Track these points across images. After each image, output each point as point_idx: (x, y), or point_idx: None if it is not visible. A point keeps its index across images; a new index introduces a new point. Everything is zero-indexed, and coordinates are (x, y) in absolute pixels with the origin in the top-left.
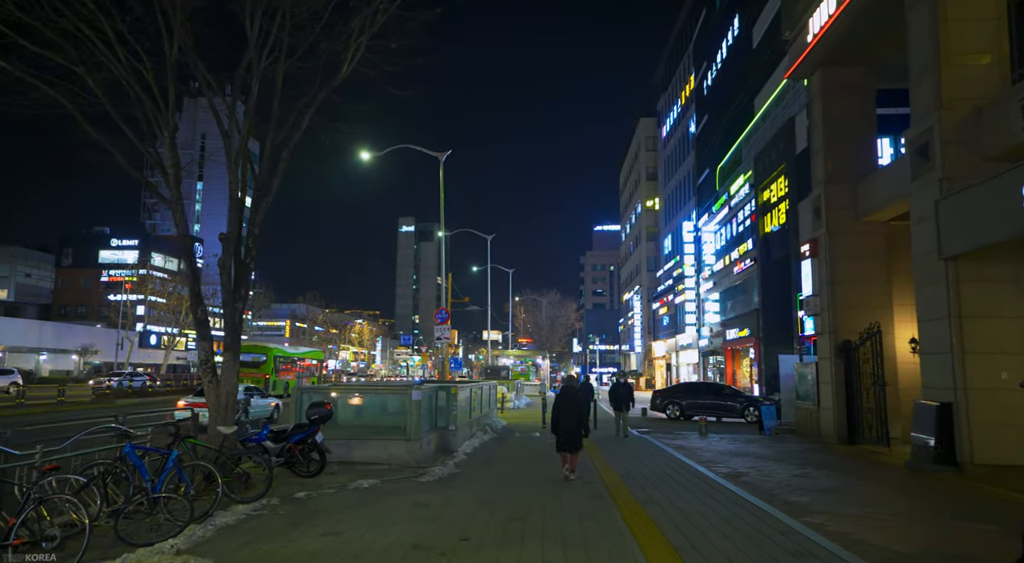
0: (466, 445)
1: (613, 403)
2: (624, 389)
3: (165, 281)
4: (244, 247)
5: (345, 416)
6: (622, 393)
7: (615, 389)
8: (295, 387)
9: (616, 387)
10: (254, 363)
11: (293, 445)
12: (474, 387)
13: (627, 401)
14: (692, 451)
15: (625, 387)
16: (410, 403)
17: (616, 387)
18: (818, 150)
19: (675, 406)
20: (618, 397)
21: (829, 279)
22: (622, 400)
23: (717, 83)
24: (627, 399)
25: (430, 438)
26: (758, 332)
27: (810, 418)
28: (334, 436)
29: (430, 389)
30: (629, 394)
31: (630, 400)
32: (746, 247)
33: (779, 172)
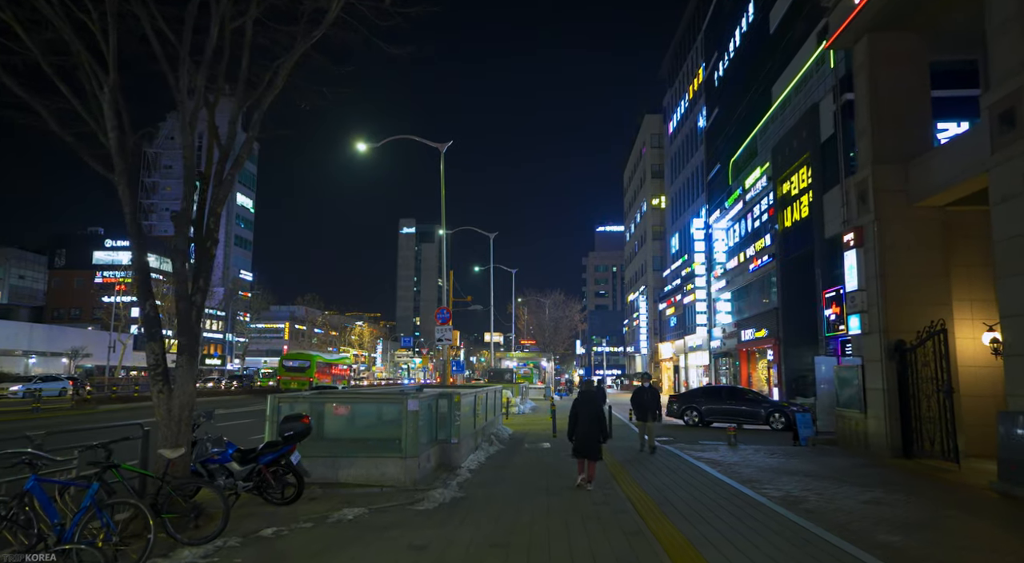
0: (470, 460)
1: (636, 412)
2: (649, 395)
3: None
4: (204, 228)
5: (330, 429)
6: (647, 400)
7: (639, 395)
8: (272, 396)
9: (640, 393)
10: (300, 368)
11: (264, 467)
12: (478, 392)
13: (653, 410)
14: (728, 467)
15: (651, 393)
16: (406, 414)
17: (640, 393)
18: (864, 128)
19: (693, 412)
20: (642, 404)
21: (878, 272)
22: (647, 408)
23: (729, 73)
24: (653, 407)
25: (429, 453)
26: (777, 332)
27: (854, 428)
28: (317, 453)
29: (429, 396)
30: (655, 401)
31: (656, 409)
32: (763, 243)
33: (801, 162)
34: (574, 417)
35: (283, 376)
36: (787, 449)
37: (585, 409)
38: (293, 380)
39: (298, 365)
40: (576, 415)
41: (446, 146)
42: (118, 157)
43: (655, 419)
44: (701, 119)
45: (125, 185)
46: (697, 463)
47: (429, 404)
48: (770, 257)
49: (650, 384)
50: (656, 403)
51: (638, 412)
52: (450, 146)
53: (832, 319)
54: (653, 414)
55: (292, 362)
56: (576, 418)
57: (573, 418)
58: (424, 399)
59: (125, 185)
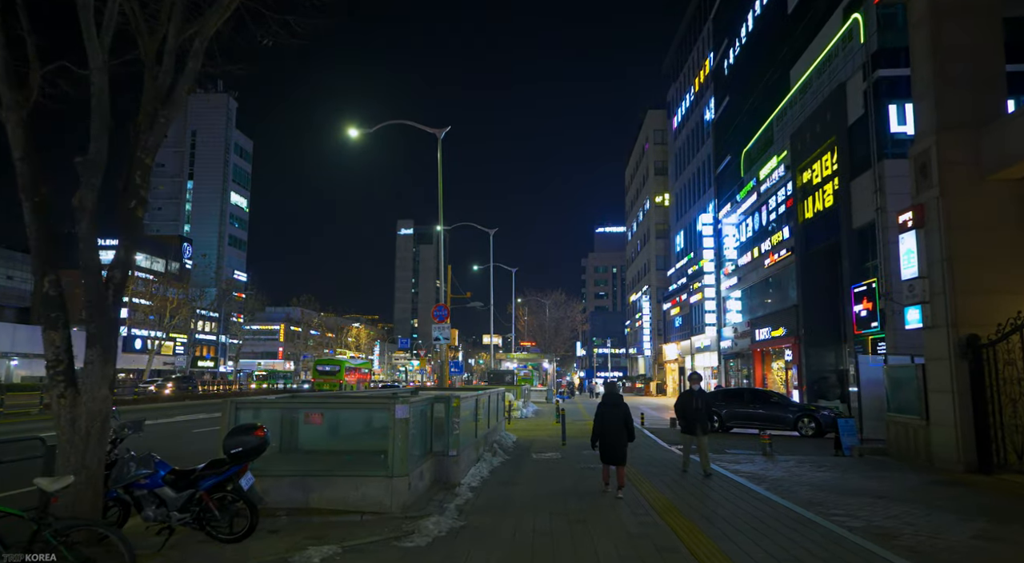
0: (471, 475)
1: (683, 422)
2: (700, 401)
3: (150, 282)
4: (128, 184)
5: (302, 441)
6: (697, 407)
7: (686, 402)
8: (229, 401)
9: (688, 399)
10: (332, 372)
11: (206, 493)
12: (479, 396)
13: (704, 420)
14: (776, 484)
15: (701, 398)
16: (393, 423)
17: (688, 399)
18: (924, 90)
19: (713, 416)
20: (691, 413)
21: (945, 255)
22: (696, 418)
23: (741, 60)
24: (704, 418)
25: (422, 469)
26: (797, 331)
27: (912, 436)
28: (284, 471)
29: (422, 401)
30: (707, 408)
31: (710, 419)
32: (780, 236)
33: (826, 147)
34: (600, 421)
35: (317, 379)
36: (832, 460)
37: (611, 413)
38: (326, 382)
39: (330, 369)
40: (602, 418)
41: (443, 132)
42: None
43: (706, 432)
44: (708, 112)
45: (15, 125)
46: (737, 478)
47: (422, 410)
48: (788, 251)
49: (698, 387)
50: (708, 411)
51: (685, 423)
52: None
53: (863, 316)
54: (704, 425)
55: (325, 366)
56: (602, 423)
57: (599, 422)
58: (417, 404)
59: (15, 125)
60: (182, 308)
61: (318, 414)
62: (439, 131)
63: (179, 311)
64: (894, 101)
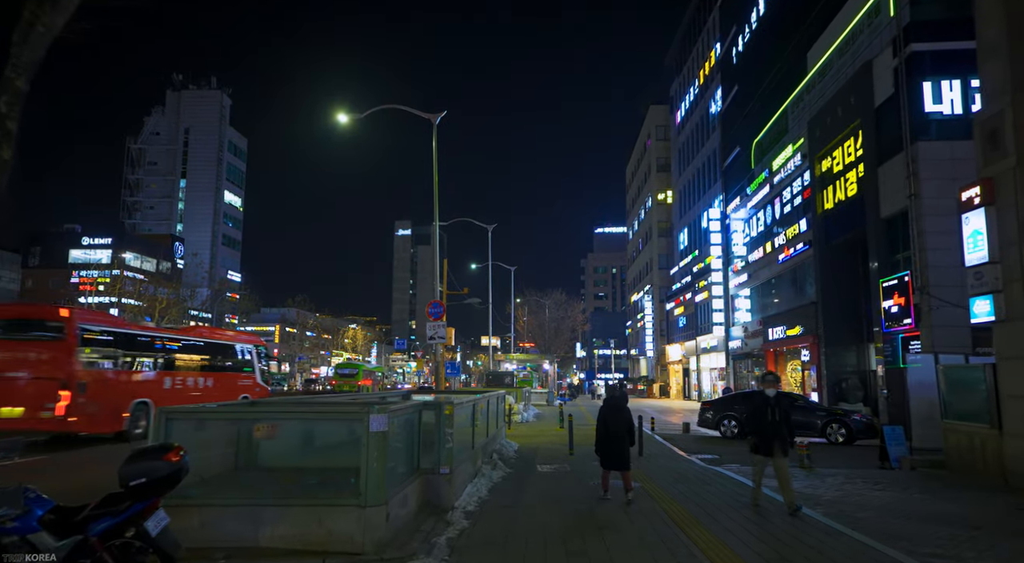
0: (467, 495)
1: (755, 439)
2: (779, 410)
3: (141, 282)
4: None
5: (264, 458)
6: (775, 420)
7: (759, 410)
8: (158, 411)
9: (762, 407)
10: (350, 374)
11: (98, 540)
12: (478, 400)
13: (786, 437)
14: (832, 506)
15: (779, 406)
16: (367, 437)
17: (762, 407)
18: (993, 47)
19: (732, 421)
20: (767, 427)
21: (1022, 236)
22: (775, 434)
23: (751, 47)
24: (786, 433)
25: (406, 493)
26: (815, 329)
27: (980, 448)
28: (228, 499)
29: (407, 408)
30: (789, 421)
31: (791, 435)
32: (796, 230)
33: (848, 132)
34: (603, 426)
35: (337, 381)
36: (882, 474)
37: (614, 416)
38: (345, 384)
39: (349, 372)
40: (604, 422)
41: (439, 117)
42: None
43: (787, 452)
44: (714, 104)
45: None
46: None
47: (408, 419)
48: (806, 245)
49: (778, 391)
50: (790, 425)
51: (759, 440)
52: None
53: (893, 312)
54: (785, 444)
55: (345, 370)
56: (606, 427)
57: (602, 427)
58: (399, 413)
59: None
60: (172, 308)
61: (270, 426)
62: (434, 116)
63: (168, 311)
64: (929, 78)
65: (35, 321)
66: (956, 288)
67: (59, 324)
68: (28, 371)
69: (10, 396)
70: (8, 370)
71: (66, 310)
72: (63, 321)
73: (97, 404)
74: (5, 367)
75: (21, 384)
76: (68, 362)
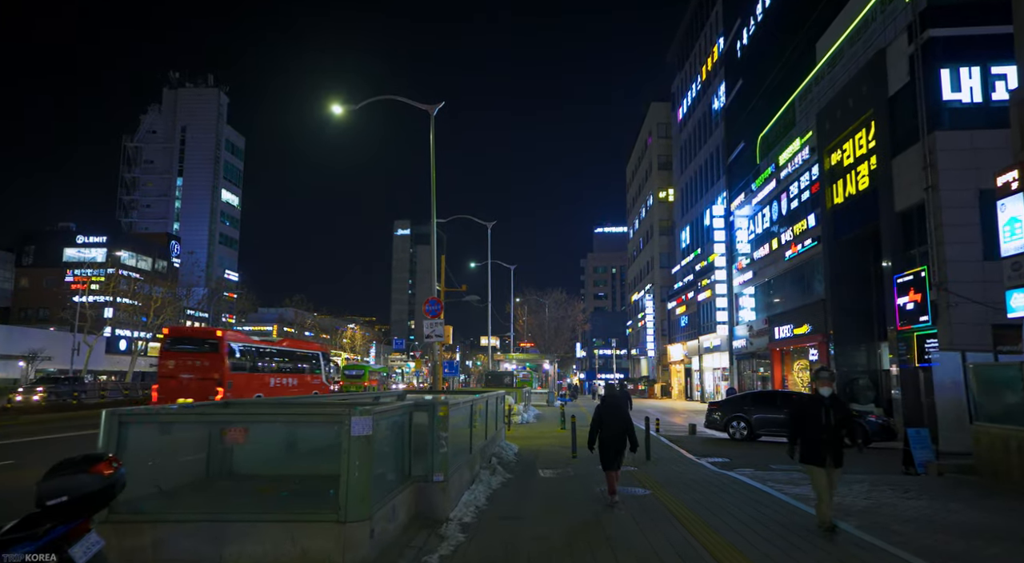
0: (464, 505)
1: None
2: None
3: (136, 281)
4: None
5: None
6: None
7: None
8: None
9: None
10: (357, 375)
11: None
12: (476, 401)
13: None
14: (868, 520)
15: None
16: (348, 442)
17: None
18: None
19: (741, 423)
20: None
21: None
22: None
23: (756, 39)
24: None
25: (394, 505)
26: (824, 328)
27: (1017, 452)
28: (188, 514)
29: (396, 410)
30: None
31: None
32: (805, 225)
33: (860, 123)
34: (597, 424)
35: (345, 382)
36: (907, 480)
37: (611, 413)
38: (352, 384)
39: (356, 373)
40: (600, 421)
41: (436, 108)
42: None
43: (840, 463)
44: (717, 100)
45: None
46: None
47: (397, 421)
48: (814, 240)
49: (833, 392)
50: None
51: (807, 447)
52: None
53: (909, 309)
54: (838, 453)
55: (351, 371)
56: (601, 425)
57: (596, 425)
58: (386, 415)
59: None
60: (167, 307)
61: (240, 430)
62: (431, 107)
63: (163, 310)
64: (947, 65)
65: (199, 339)
66: (976, 283)
67: (215, 341)
68: (196, 374)
69: (185, 390)
70: (183, 373)
71: (220, 331)
72: (218, 339)
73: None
74: (181, 371)
75: (192, 382)
76: (221, 367)
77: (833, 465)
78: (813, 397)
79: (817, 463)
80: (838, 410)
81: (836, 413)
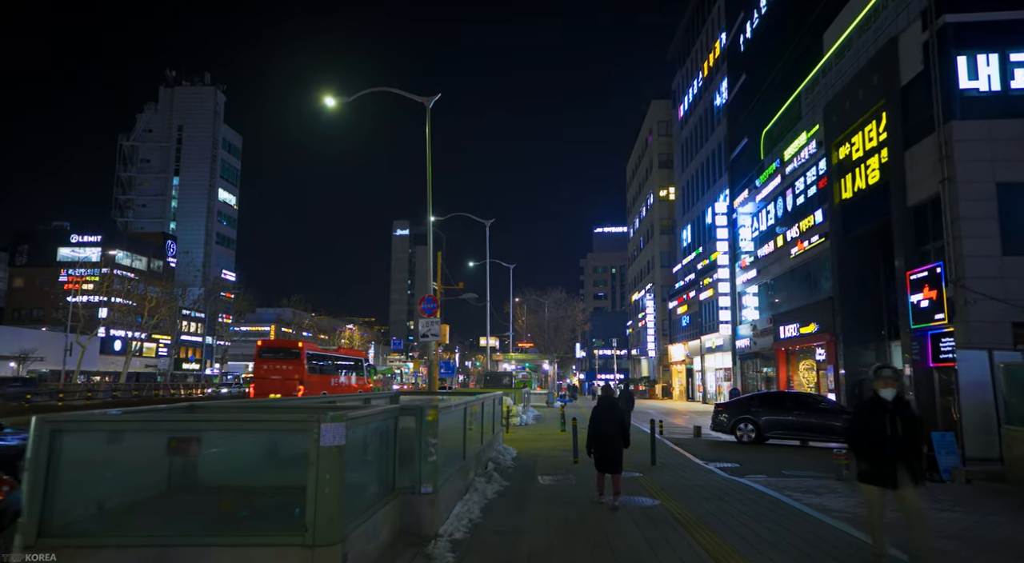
0: (456, 518)
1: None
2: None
3: (131, 281)
4: None
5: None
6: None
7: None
8: (39, 420)
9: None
10: None
11: None
12: (470, 402)
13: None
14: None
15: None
16: (318, 453)
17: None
18: None
19: (749, 425)
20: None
21: None
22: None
23: (760, 32)
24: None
25: (375, 521)
26: (832, 327)
27: None
28: (126, 539)
29: (379, 414)
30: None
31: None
32: (811, 221)
33: (870, 115)
34: (595, 426)
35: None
36: (934, 488)
37: (606, 416)
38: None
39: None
40: (598, 422)
41: (432, 100)
42: None
43: (918, 481)
44: (718, 96)
45: None
46: (842, 526)
47: (379, 427)
48: (821, 237)
49: (899, 396)
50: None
51: (872, 463)
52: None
53: (923, 306)
54: (918, 470)
55: None
56: (599, 428)
57: (595, 427)
58: (365, 420)
59: None
60: (161, 307)
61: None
62: (427, 99)
63: (158, 310)
64: (964, 52)
65: (285, 349)
66: (995, 280)
67: (297, 351)
68: (282, 375)
69: (275, 388)
70: (272, 375)
71: (301, 343)
72: (299, 349)
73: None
74: (271, 373)
75: (279, 382)
76: (301, 370)
77: (911, 484)
78: (874, 402)
79: (883, 483)
80: (906, 417)
81: (904, 422)
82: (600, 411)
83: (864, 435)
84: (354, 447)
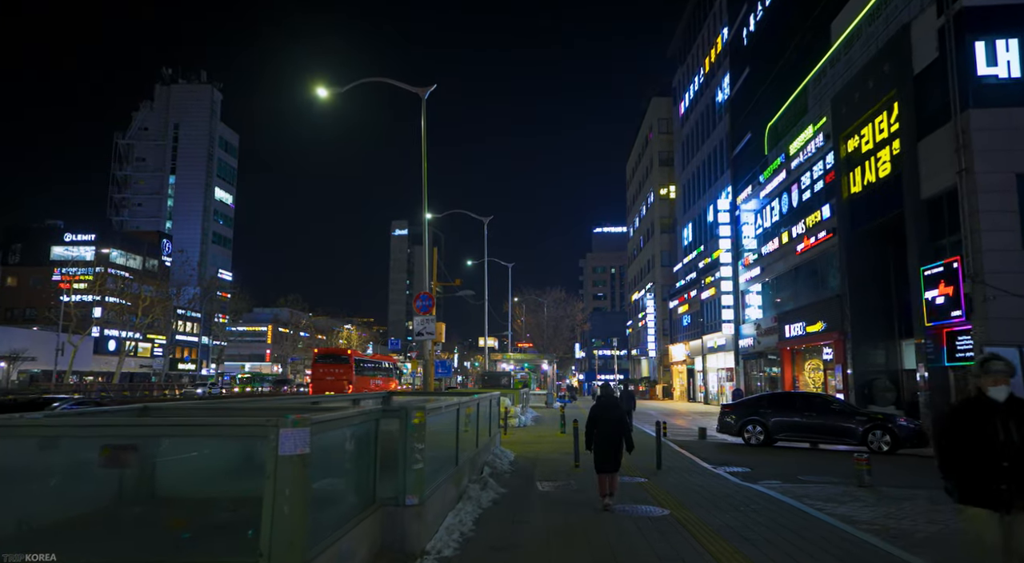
0: (446, 530)
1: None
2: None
3: (126, 280)
4: None
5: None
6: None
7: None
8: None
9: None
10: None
11: None
12: (465, 403)
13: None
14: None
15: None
16: (275, 463)
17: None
18: None
19: (757, 426)
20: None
21: None
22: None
23: (764, 24)
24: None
25: (351, 539)
26: (841, 325)
27: None
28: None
29: (355, 417)
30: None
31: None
32: (818, 217)
33: (881, 105)
34: (592, 425)
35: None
36: None
37: (606, 416)
38: None
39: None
40: (595, 423)
41: (428, 91)
42: None
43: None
44: (721, 92)
45: None
46: (869, 539)
47: (357, 432)
48: (829, 232)
49: (1012, 396)
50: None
51: (976, 481)
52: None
53: (938, 303)
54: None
55: None
56: (595, 427)
57: (591, 426)
58: (336, 423)
59: None
60: (156, 306)
61: (125, 449)
62: (423, 90)
63: (152, 309)
64: (982, 37)
65: (337, 355)
66: (1015, 274)
67: (346, 357)
68: (335, 376)
69: (329, 387)
70: (327, 376)
71: (350, 350)
72: (348, 355)
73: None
74: (327, 375)
75: (333, 382)
76: (350, 372)
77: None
78: (978, 402)
79: (990, 505)
80: (1022, 422)
81: (1021, 427)
82: (599, 410)
83: (966, 444)
84: (325, 455)
